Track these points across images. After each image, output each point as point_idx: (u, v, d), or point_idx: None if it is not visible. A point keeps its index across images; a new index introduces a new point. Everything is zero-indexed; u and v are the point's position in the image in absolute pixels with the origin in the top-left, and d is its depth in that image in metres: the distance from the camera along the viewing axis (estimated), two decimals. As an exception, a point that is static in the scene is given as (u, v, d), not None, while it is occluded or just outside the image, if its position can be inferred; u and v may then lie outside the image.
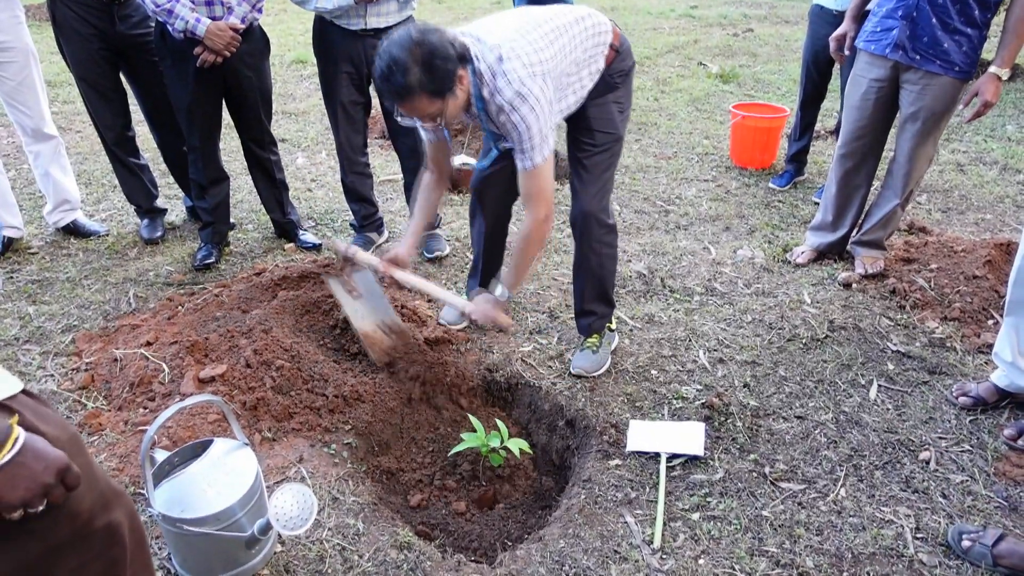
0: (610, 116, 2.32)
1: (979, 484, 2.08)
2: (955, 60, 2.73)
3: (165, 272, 3.17)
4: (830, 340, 2.74)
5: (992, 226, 3.73)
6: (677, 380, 2.53)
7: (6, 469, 0.91)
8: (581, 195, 2.38)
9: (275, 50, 6.61)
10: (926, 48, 2.74)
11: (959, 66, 2.73)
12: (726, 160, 4.60)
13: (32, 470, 0.93)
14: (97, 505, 1.08)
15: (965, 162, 4.58)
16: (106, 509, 1.10)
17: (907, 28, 2.75)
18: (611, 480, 2.12)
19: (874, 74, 2.91)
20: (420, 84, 1.84)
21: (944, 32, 2.70)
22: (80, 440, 1.08)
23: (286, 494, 1.57)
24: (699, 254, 3.41)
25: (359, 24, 2.88)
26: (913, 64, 2.79)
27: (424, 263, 3.30)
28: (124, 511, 1.15)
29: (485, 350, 2.69)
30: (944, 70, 2.74)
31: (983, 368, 2.57)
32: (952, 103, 2.82)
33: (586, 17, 2.21)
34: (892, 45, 2.80)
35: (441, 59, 1.84)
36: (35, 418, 0.98)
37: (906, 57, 2.79)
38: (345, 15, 2.86)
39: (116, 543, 1.12)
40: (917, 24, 2.73)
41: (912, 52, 2.77)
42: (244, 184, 3.97)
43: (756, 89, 6.30)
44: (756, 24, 9.34)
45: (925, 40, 2.74)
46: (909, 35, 2.75)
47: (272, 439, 2.20)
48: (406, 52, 1.81)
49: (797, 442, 2.25)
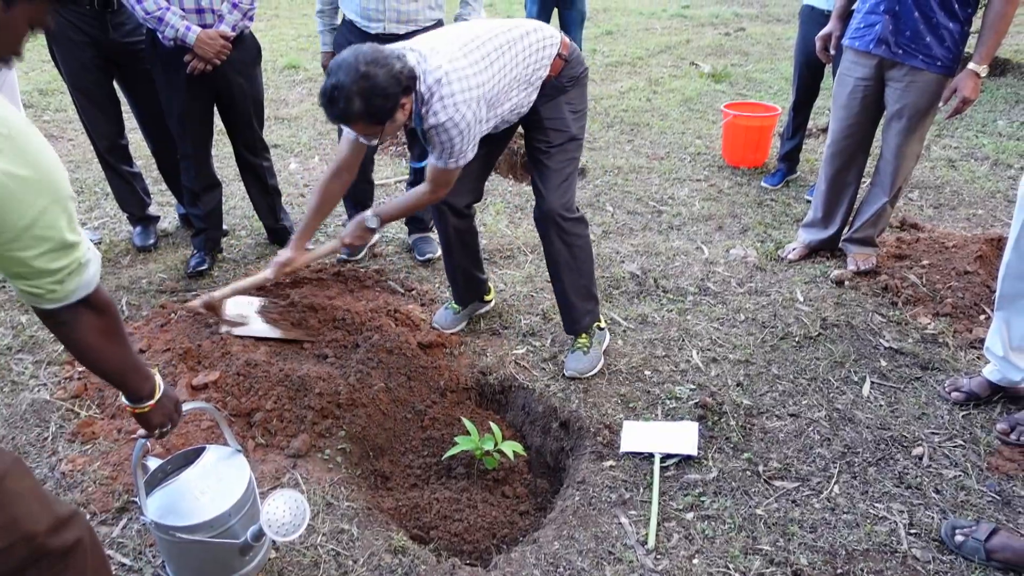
0: (561, 115, 2.37)
1: (972, 479, 2.09)
2: (937, 55, 2.74)
3: (158, 279, 3.16)
4: (823, 338, 2.75)
5: (984, 221, 3.75)
6: (670, 380, 2.54)
7: (156, 405, 1.37)
8: (543, 193, 2.41)
9: (267, 55, 6.62)
10: (908, 42, 2.76)
11: (941, 61, 2.75)
12: (718, 160, 4.61)
13: (167, 406, 1.41)
14: (52, 526, 1.13)
15: (956, 158, 4.59)
16: (62, 529, 1.15)
17: (890, 23, 2.77)
18: (605, 481, 2.12)
19: (860, 72, 2.93)
20: (359, 114, 1.92)
21: (926, 26, 2.72)
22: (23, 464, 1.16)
23: (278, 500, 1.57)
24: (692, 254, 3.42)
25: (379, 27, 2.90)
26: (896, 59, 2.80)
27: (417, 267, 3.30)
28: (81, 529, 1.20)
29: (478, 353, 2.70)
30: (927, 65, 2.76)
31: (975, 363, 2.58)
32: (936, 99, 2.83)
33: (532, 32, 2.25)
34: (875, 40, 2.82)
35: (382, 97, 1.91)
36: None
37: (889, 52, 2.80)
38: (366, 18, 2.90)
39: (76, 562, 1.18)
40: (900, 18, 2.75)
41: (895, 47, 2.79)
42: (237, 190, 3.96)
43: (748, 88, 6.32)
44: (748, 23, 9.36)
45: (908, 34, 2.75)
46: (892, 29, 2.77)
47: (265, 445, 2.20)
48: (352, 82, 1.87)
49: (790, 440, 2.26)
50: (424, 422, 2.46)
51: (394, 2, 2.86)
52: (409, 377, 2.52)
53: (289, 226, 3.46)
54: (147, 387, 1.34)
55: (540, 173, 2.42)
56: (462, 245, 2.70)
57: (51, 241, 1.01)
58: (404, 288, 3.10)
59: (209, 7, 2.74)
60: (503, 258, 3.39)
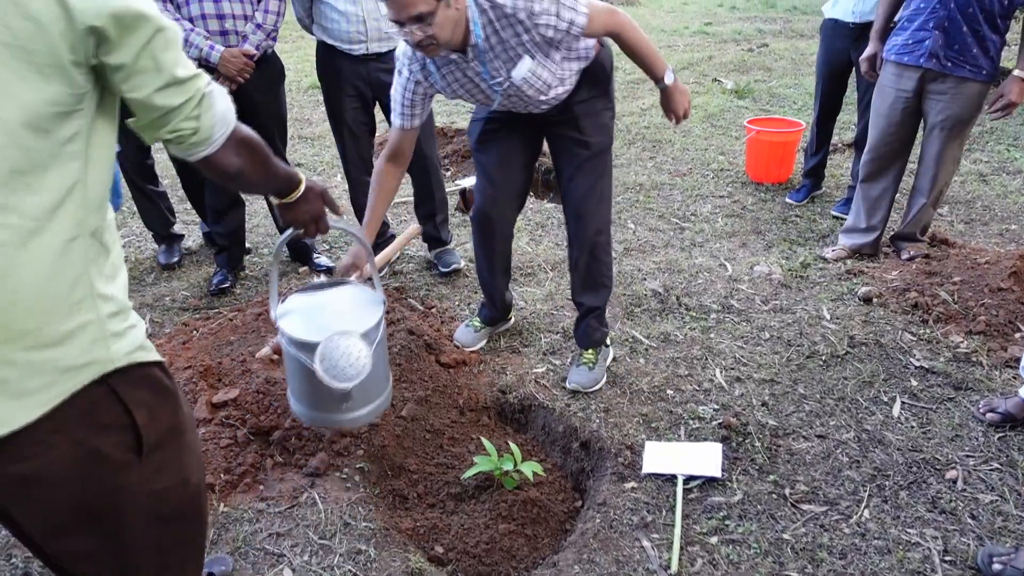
0: (602, 122, 2.34)
1: (1010, 504, 2.01)
2: (983, 65, 2.95)
3: (181, 297, 3.19)
4: (850, 356, 2.68)
5: (1017, 236, 3.65)
6: (693, 400, 2.49)
7: (302, 197, 1.39)
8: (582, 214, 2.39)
9: (292, 76, 6.72)
10: (957, 55, 2.95)
11: (986, 69, 2.96)
12: (742, 176, 4.56)
13: (311, 198, 1.42)
14: (201, 477, 1.27)
15: (988, 172, 4.50)
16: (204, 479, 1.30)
17: (940, 37, 2.95)
18: (627, 503, 2.07)
19: (902, 84, 3.10)
20: None
21: (974, 39, 2.91)
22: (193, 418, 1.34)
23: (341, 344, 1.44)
24: (715, 271, 3.37)
25: (361, 49, 2.93)
26: (945, 71, 2.98)
27: (437, 284, 3.30)
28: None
29: (498, 371, 2.67)
30: (974, 74, 2.96)
31: (1011, 383, 2.50)
32: (978, 108, 3.06)
33: None
34: (926, 54, 2.99)
35: None
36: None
37: (939, 64, 2.98)
38: (347, 41, 2.92)
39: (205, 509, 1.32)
40: (949, 33, 2.93)
41: (945, 60, 2.97)
42: (259, 208, 4.00)
43: (772, 104, 6.27)
44: (771, 39, 9.32)
45: (956, 48, 2.94)
46: (943, 43, 2.95)
47: (283, 464, 2.19)
48: None
49: (818, 462, 2.20)
50: (443, 441, 2.44)
51: (374, 21, 2.90)
52: (429, 395, 2.50)
53: (310, 243, 3.48)
54: (293, 182, 1.38)
55: (578, 192, 2.37)
56: (504, 260, 2.72)
57: (164, 74, 1.02)
58: (424, 306, 3.09)
59: (233, 29, 2.78)
60: (524, 275, 3.37)
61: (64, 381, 1.00)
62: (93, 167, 1.00)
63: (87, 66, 0.95)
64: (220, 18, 2.74)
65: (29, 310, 0.95)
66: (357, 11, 2.88)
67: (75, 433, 1.02)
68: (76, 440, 1.02)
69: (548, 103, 2.25)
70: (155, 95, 1.02)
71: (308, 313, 1.58)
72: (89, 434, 1.04)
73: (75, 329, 1.00)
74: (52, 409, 0.99)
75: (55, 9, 0.89)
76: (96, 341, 1.02)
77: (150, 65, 0.99)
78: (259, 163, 1.24)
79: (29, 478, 1.01)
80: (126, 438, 1.08)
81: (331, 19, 2.92)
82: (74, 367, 1.00)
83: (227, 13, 2.74)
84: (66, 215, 0.96)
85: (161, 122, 1.05)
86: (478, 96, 2.23)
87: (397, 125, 2.24)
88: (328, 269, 3.39)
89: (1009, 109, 2.94)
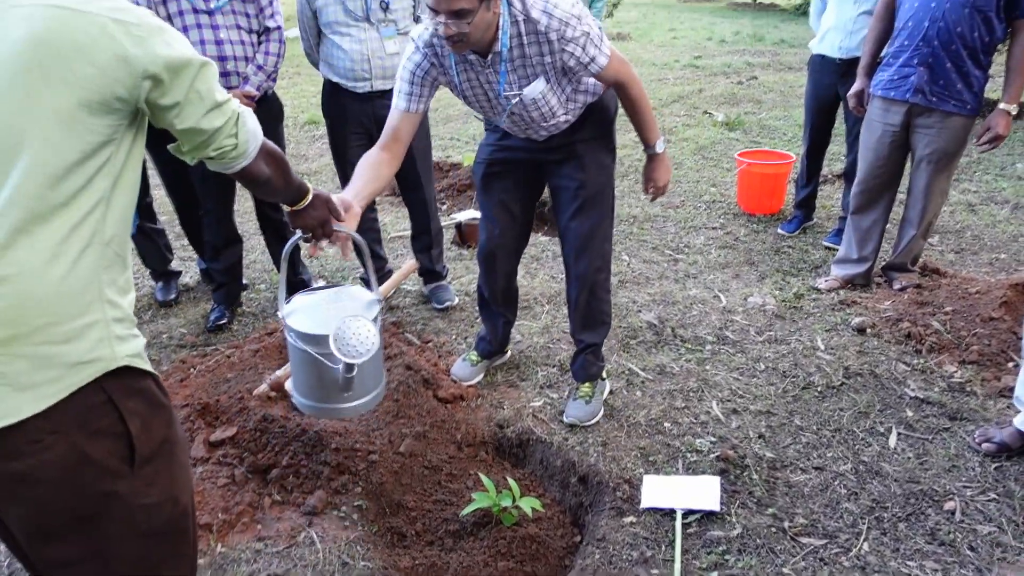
0: (604, 162, 2.37)
1: (1008, 535, 2.01)
2: (967, 99, 3.02)
3: (178, 334, 3.20)
4: (846, 387, 2.70)
5: (1007, 265, 3.70)
6: (691, 432, 2.49)
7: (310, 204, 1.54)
8: (581, 253, 2.42)
9: (288, 111, 6.79)
10: (942, 90, 3.02)
11: (970, 104, 3.03)
12: (734, 207, 4.62)
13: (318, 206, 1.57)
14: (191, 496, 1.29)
15: (976, 202, 4.56)
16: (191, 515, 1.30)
17: (925, 73, 3.03)
18: (626, 538, 2.07)
19: (889, 119, 3.18)
20: None
21: (958, 75, 2.99)
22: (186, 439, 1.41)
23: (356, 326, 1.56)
24: (709, 302, 3.40)
25: (366, 87, 2.98)
26: (931, 105, 3.05)
27: (433, 318, 3.32)
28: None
29: (496, 405, 2.68)
30: (958, 109, 3.03)
31: (1005, 412, 2.51)
32: (964, 141, 3.13)
33: None
34: (912, 90, 3.07)
35: None
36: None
37: (925, 99, 3.06)
38: (352, 79, 2.97)
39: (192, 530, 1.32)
40: (934, 69, 3.01)
41: (930, 95, 3.05)
42: (256, 244, 4.03)
43: (762, 135, 6.36)
44: (760, 71, 9.49)
45: (941, 83, 3.02)
46: (927, 79, 3.03)
47: (281, 502, 2.18)
48: None
49: (816, 494, 2.20)
50: (441, 477, 2.43)
51: (378, 60, 2.96)
52: (427, 431, 2.50)
53: (307, 279, 3.50)
54: (303, 191, 1.52)
55: (578, 232, 2.39)
56: (508, 295, 2.75)
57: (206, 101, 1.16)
58: (421, 340, 3.10)
59: (235, 70, 2.84)
60: (520, 309, 3.37)
61: (70, 376, 1.06)
62: (119, 188, 1.12)
63: (134, 105, 1.09)
64: (222, 59, 2.79)
65: (41, 309, 1.03)
66: (362, 50, 2.95)
67: (70, 435, 1.07)
68: (71, 442, 1.07)
69: (548, 130, 2.29)
70: (202, 120, 1.17)
71: (311, 310, 1.72)
72: (84, 438, 1.08)
73: (83, 328, 1.07)
74: (50, 408, 1.04)
75: (117, 59, 1.04)
76: (102, 340, 1.09)
77: (196, 97, 1.15)
78: (282, 171, 1.40)
79: (22, 476, 1.05)
80: (119, 447, 1.12)
81: (337, 57, 2.98)
82: (80, 363, 1.07)
83: (229, 55, 2.80)
84: (87, 226, 1.07)
85: (207, 143, 1.20)
86: (484, 104, 2.24)
87: (401, 107, 2.15)
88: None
89: (996, 142, 3.01)
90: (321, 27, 2.99)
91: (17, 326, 1.01)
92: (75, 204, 1.06)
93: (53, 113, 1.02)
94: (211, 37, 2.76)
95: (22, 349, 1.02)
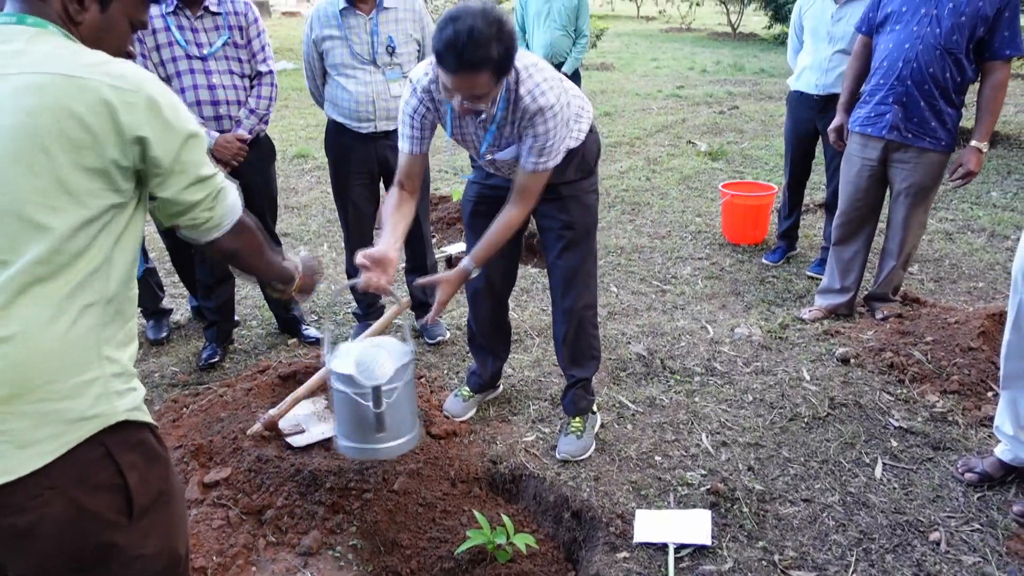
0: (588, 204, 2.44)
1: (992, 565, 2.06)
2: (941, 136, 3.13)
3: (170, 373, 3.21)
4: (831, 418, 2.75)
5: (985, 294, 3.79)
6: (681, 466, 2.53)
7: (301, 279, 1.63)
8: (568, 292, 2.48)
9: (278, 146, 6.81)
10: (917, 127, 3.14)
11: (944, 140, 3.14)
12: (719, 237, 4.71)
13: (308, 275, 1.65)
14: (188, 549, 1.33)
15: (953, 230, 4.68)
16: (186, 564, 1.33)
17: (899, 111, 3.13)
18: (619, 574, 2.09)
19: (867, 154, 3.29)
20: (494, 62, 1.83)
21: (931, 112, 3.09)
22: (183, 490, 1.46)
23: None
24: (697, 333, 3.45)
25: (370, 128, 3.05)
26: (906, 142, 3.16)
27: (425, 353, 3.34)
28: None
29: (488, 441, 2.70)
30: (933, 145, 3.13)
31: (987, 441, 2.57)
32: (939, 175, 3.23)
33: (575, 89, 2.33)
34: (887, 127, 3.18)
35: (513, 41, 1.87)
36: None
37: (900, 136, 3.16)
38: (357, 119, 3.04)
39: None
40: (908, 107, 3.12)
41: (905, 132, 3.16)
42: (248, 280, 4.05)
43: (744, 165, 6.49)
44: (741, 101, 9.69)
45: (915, 120, 3.13)
46: (902, 117, 3.14)
47: (276, 544, 2.19)
48: (489, 26, 1.80)
49: (805, 527, 2.24)
50: (436, 514, 2.44)
51: (383, 102, 3.04)
52: (420, 468, 2.52)
53: (299, 315, 3.52)
54: (290, 270, 1.57)
55: (565, 269, 2.46)
56: (499, 331, 2.81)
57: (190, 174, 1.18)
58: (414, 375, 3.13)
59: (227, 114, 2.89)
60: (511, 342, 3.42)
61: (71, 432, 1.08)
62: (121, 246, 1.14)
63: (133, 169, 1.12)
64: (215, 104, 2.84)
65: (43, 367, 1.05)
66: (367, 92, 3.02)
67: (69, 490, 1.09)
68: (70, 497, 1.09)
69: None
70: (182, 192, 1.18)
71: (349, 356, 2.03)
72: (83, 492, 1.10)
73: (83, 384, 1.09)
74: (50, 464, 1.06)
75: (108, 122, 1.07)
76: (101, 396, 1.11)
77: (181, 168, 1.17)
78: (254, 247, 1.40)
79: (23, 530, 1.07)
80: (117, 499, 1.14)
81: (342, 98, 3.05)
82: (81, 419, 1.09)
83: (221, 99, 2.85)
84: (89, 285, 1.09)
85: (182, 212, 1.22)
86: (469, 148, 2.37)
87: (406, 150, 2.28)
88: (318, 340, 3.43)
89: (968, 178, 3.11)
90: (327, 68, 3.06)
91: (19, 385, 1.03)
92: (78, 264, 1.08)
93: (56, 180, 1.04)
94: (204, 82, 2.81)
95: (23, 407, 1.04)
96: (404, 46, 3.05)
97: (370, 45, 2.98)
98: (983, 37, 2.94)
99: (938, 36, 2.98)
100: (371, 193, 3.28)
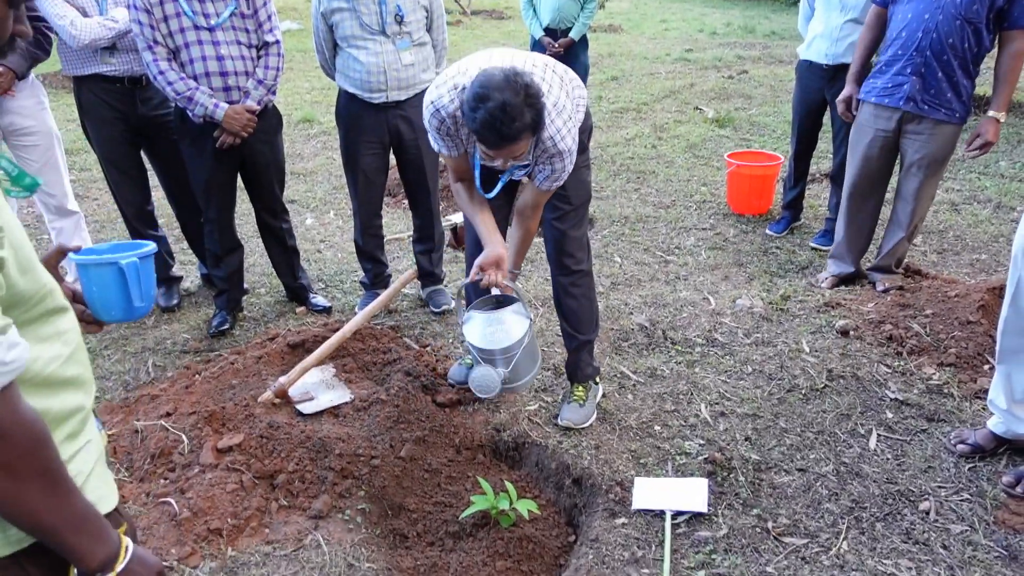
0: (582, 178, 2.48)
1: (979, 534, 2.13)
2: (956, 108, 3.14)
3: (182, 340, 3.28)
4: (829, 390, 2.81)
5: (987, 266, 3.81)
6: (680, 435, 2.60)
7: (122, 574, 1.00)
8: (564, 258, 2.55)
9: (283, 110, 6.81)
10: (933, 99, 3.14)
11: (959, 112, 3.15)
12: (724, 207, 4.71)
13: (139, 574, 1.03)
14: None
15: (959, 201, 4.67)
16: None
17: (918, 82, 3.14)
18: (618, 539, 2.17)
19: (880, 124, 3.30)
20: (530, 127, 1.91)
21: (948, 84, 3.11)
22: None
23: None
24: (699, 304, 3.50)
25: (382, 98, 3.07)
26: (922, 113, 3.17)
27: (431, 322, 3.40)
28: None
29: (492, 409, 2.77)
30: (948, 117, 3.14)
31: (981, 414, 2.63)
32: (952, 147, 3.25)
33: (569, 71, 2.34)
34: (904, 98, 3.19)
35: (540, 100, 1.92)
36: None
37: (916, 107, 3.17)
38: (369, 90, 3.05)
39: None
40: (926, 79, 3.12)
41: (922, 103, 3.16)
42: (256, 247, 4.10)
43: (752, 133, 6.45)
44: (750, 65, 9.55)
45: (932, 92, 3.13)
46: (920, 88, 3.16)
47: (288, 507, 2.27)
48: (517, 95, 1.84)
49: (799, 495, 2.31)
50: (441, 480, 2.53)
51: (395, 71, 3.04)
52: (426, 435, 2.60)
53: (307, 283, 3.57)
54: (101, 553, 0.98)
55: (559, 237, 2.52)
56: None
57: None
58: (419, 345, 3.19)
59: (235, 85, 2.90)
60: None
61: None
62: None
63: None
64: (223, 75, 2.85)
65: None
66: (379, 62, 3.02)
67: None
68: None
69: None
70: None
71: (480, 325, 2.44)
72: None
73: None
74: None
75: None
76: None
77: None
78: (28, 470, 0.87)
79: None
80: None
81: (354, 69, 3.05)
82: None
83: (230, 70, 2.86)
84: None
85: None
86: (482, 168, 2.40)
87: (446, 153, 2.34)
88: (326, 308, 3.49)
89: (985, 148, 3.13)
90: (337, 40, 3.06)
91: None
92: None
93: None
94: (212, 53, 2.82)
95: None
96: (412, 14, 3.05)
97: (379, 15, 2.97)
98: (1003, 6, 2.93)
99: (958, 6, 2.96)
100: (382, 163, 3.30)
